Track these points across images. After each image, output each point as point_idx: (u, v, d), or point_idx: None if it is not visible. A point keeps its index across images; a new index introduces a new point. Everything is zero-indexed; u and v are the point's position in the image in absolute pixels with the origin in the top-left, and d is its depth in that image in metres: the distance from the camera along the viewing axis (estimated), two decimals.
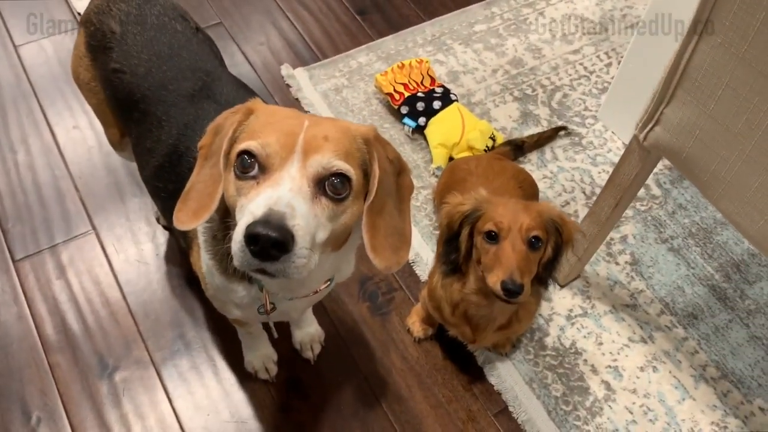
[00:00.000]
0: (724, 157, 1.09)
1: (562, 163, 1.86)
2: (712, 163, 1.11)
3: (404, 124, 1.86)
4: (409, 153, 1.86)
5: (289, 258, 0.74)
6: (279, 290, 0.99)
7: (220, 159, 0.85)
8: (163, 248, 1.64)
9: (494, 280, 1.12)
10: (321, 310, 1.56)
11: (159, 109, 1.12)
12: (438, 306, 1.35)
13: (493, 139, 1.82)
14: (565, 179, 1.83)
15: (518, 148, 1.80)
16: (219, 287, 1.04)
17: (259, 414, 1.42)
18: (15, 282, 1.56)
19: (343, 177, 0.80)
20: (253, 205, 0.76)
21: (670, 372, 1.52)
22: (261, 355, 1.45)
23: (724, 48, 0.99)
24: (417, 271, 1.65)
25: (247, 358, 1.45)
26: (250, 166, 0.80)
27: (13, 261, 1.60)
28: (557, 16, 2.22)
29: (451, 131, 1.80)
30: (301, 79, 1.99)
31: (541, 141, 1.86)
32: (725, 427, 1.46)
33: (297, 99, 1.96)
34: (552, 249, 1.18)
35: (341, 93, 1.97)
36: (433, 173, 1.81)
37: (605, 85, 2.04)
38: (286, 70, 2.02)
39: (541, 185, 1.81)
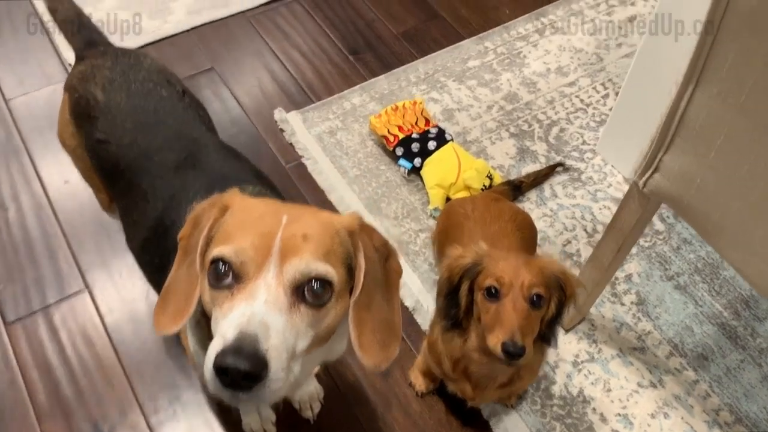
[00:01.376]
0: (727, 206, 1.05)
1: (562, 201, 1.83)
2: (714, 212, 1.08)
3: (400, 165, 1.83)
4: (405, 195, 1.83)
5: (263, 385, 0.69)
6: None
7: (196, 259, 0.81)
8: None
9: (495, 342, 1.07)
10: (321, 368, 1.52)
11: (144, 181, 1.09)
12: (438, 360, 1.30)
13: (490, 177, 1.79)
14: (566, 217, 1.80)
15: (516, 188, 1.77)
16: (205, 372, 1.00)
17: None
18: (7, 346, 1.53)
19: (323, 281, 0.76)
20: (225, 324, 0.71)
21: (682, 418, 1.47)
22: (258, 417, 1.41)
23: (722, 98, 0.96)
24: (418, 320, 1.61)
25: (245, 420, 1.41)
26: (224, 275, 0.75)
27: (5, 324, 1.56)
28: (551, 47, 2.20)
29: (447, 171, 1.77)
30: (294, 123, 1.97)
31: (539, 179, 1.83)
32: None
33: (291, 143, 1.93)
34: (555, 306, 1.13)
35: (335, 135, 1.95)
36: (431, 215, 1.77)
37: (603, 117, 2.02)
38: (279, 114, 2.00)
39: (541, 224, 1.78)
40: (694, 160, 1.06)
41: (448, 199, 1.78)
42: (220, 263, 0.75)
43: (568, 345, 1.57)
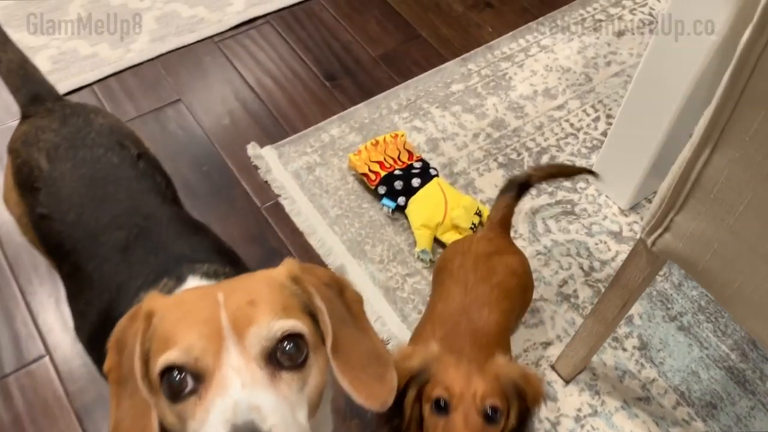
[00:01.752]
0: (749, 275, 0.95)
1: (556, 236, 1.73)
2: (734, 280, 0.98)
3: (383, 205, 1.72)
4: (391, 235, 1.71)
5: None
6: None
7: (138, 385, 0.69)
8: None
9: None
10: None
11: (90, 265, 0.97)
12: None
13: (479, 214, 1.69)
14: (561, 254, 1.70)
15: (523, 186, 1.46)
16: None
17: None
18: None
19: (294, 337, 0.66)
20: (208, 428, 0.61)
21: None
22: None
23: (745, 164, 0.86)
24: None
25: None
26: (181, 383, 0.64)
27: None
28: (538, 68, 2.10)
29: (433, 210, 1.66)
30: (269, 159, 1.85)
31: (559, 173, 1.52)
32: None
33: (266, 181, 1.81)
34: (515, 416, 0.97)
35: (314, 172, 1.83)
36: (418, 257, 1.66)
37: (594, 142, 1.92)
38: (252, 149, 1.87)
39: (535, 263, 1.67)
40: (711, 224, 0.96)
41: (436, 239, 1.68)
42: (174, 372, 0.64)
43: (569, 398, 1.47)
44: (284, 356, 0.65)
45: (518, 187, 1.45)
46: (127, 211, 1.01)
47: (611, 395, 1.48)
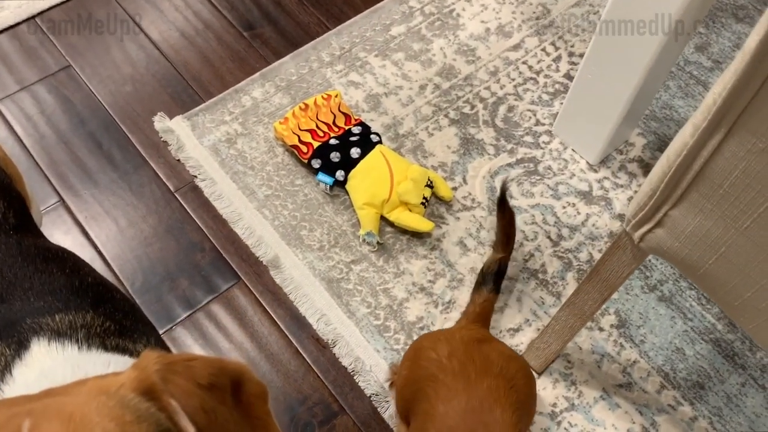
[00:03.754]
0: (765, 285, 0.76)
1: (519, 202, 1.52)
2: (745, 288, 0.78)
3: (319, 181, 1.47)
4: (330, 216, 1.48)
5: None
6: None
7: None
8: None
9: None
10: None
11: None
12: None
13: (430, 186, 1.46)
14: (524, 223, 1.49)
15: (499, 274, 1.31)
16: None
17: None
18: None
19: None
20: None
21: None
22: None
23: None
24: (360, 383, 1.30)
25: None
26: None
27: None
28: (488, 1, 1.83)
29: (377, 185, 1.42)
30: (180, 132, 1.56)
31: (508, 230, 1.34)
32: None
33: (179, 160, 1.54)
34: None
35: (235, 145, 1.56)
36: (364, 240, 1.44)
37: (557, 86, 1.68)
38: (160, 122, 1.58)
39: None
40: (718, 223, 0.75)
41: (382, 218, 1.45)
42: None
43: (542, 392, 1.30)
44: None
45: (494, 278, 1.30)
46: None
47: (589, 384, 1.32)
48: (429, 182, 1.45)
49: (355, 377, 1.31)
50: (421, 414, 1.04)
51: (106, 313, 0.75)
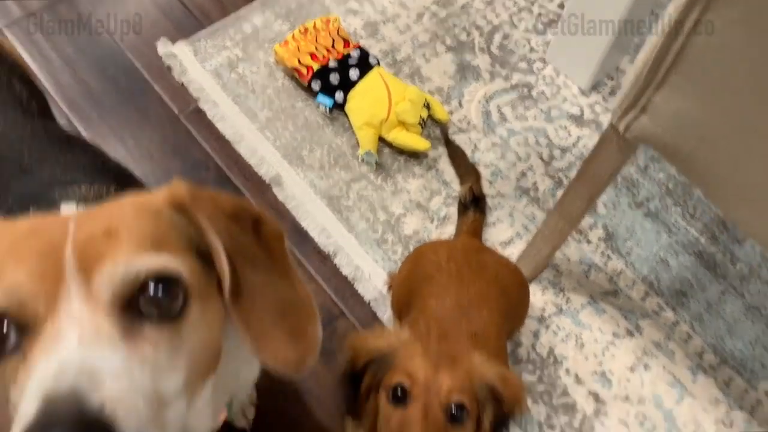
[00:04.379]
0: (744, 163, 0.81)
1: (512, 124, 1.57)
2: (726, 168, 0.84)
3: (319, 103, 1.52)
4: (330, 137, 1.53)
5: None
6: None
7: None
8: None
9: None
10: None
11: None
12: None
13: (427, 106, 1.51)
14: (518, 144, 1.55)
15: (476, 200, 1.40)
16: None
17: None
18: None
19: (164, 280, 0.50)
20: (24, 403, 0.44)
21: (664, 367, 1.32)
22: None
23: (747, 26, 0.70)
24: (359, 290, 1.37)
25: None
26: (2, 337, 0.47)
27: None
28: None
29: (375, 106, 1.47)
30: (183, 57, 1.60)
31: (464, 162, 1.49)
32: (731, 423, 1.28)
33: (182, 84, 1.58)
34: (491, 424, 0.83)
35: (237, 69, 1.60)
36: (363, 160, 1.49)
37: (551, 17, 1.72)
38: (163, 46, 1.62)
39: (491, 156, 1.52)
40: (700, 103, 0.81)
41: (381, 139, 1.50)
42: None
43: (532, 298, 1.37)
44: (149, 305, 0.49)
45: (473, 204, 1.38)
46: None
47: (577, 291, 1.39)
48: (426, 103, 1.50)
49: (354, 285, 1.37)
50: (414, 309, 1.10)
51: (128, 188, 0.81)
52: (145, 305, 0.49)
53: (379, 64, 1.54)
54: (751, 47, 0.70)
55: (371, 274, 1.38)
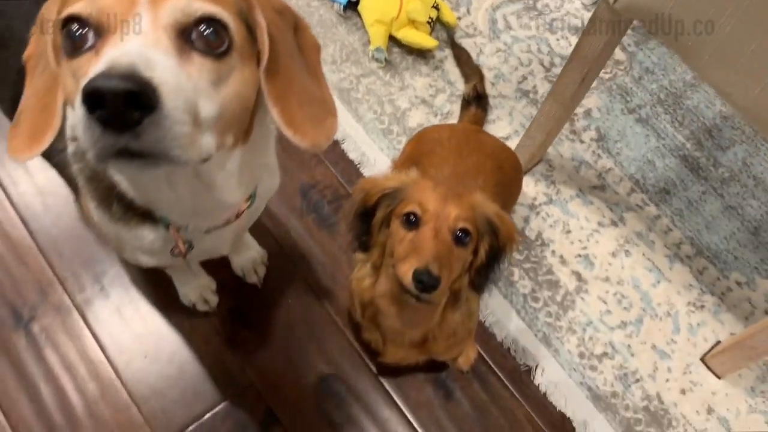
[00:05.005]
0: (714, 16, 0.90)
1: (517, 33, 1.65)
2: (698, 24, 0.93)
3: (333, 2, 1.61)
4: (343, 35, 1.62)
5: (158, 123, 0.52)
6: (188, 218, 0.80)
7: (49, 56, 0.63)
8: None
9: (405, 269, 0.88)
10: (261, 229, 1.38)
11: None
12: (352, 301, 1.14)
13: (436, 8, 1.59)
14: (521, 51, 1.63)
15: (479, 97, 1.49)
16: (119, 238, 0.85)
17: (203, 350, 1.28)
18: None
19: (215, 23, 0.59)
20: (92, 71, 0.53)
21: (643, 255, 1.42)
22: (197, 286, 1.29)
23: None
24: (364, 173, 1.47)
25: (182, 291, 1.29)
26: (81, 39, 0.58)
27: None
28: None
29: (387, 4, 1.56)
30: None
31: (468, 63, 1.57)
32: (702, 306, 1.38)
33: None
34: (486, 253, 0.95)
35: None
36: (373, 56, 1.58)
37: None
38: None
39: (494, 60, 1.61)
40: None
41: (391, 37, 1.59)
42: (74, 25, 0.58)
43: (524, 188, 1.47)
44: (200, 39, 0.58)
45: (476, 101, 1.47)
46: None
47: (567, 184, 1.49)
48: (435, 4, 1.58)
49: (360, 168, 1.47)
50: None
51: None
52: (196, 38, 0.58)
53: None
54: None
55: (376, 160, 1.48)
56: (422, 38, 1.56)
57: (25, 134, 0.66)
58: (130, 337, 1.28)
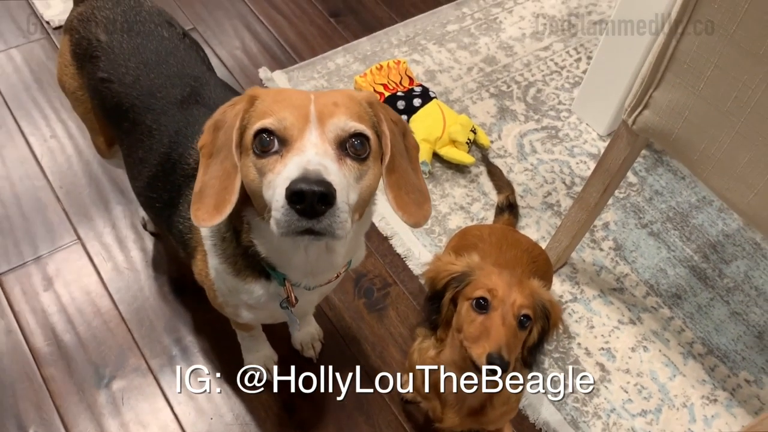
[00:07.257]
0: (714, 135, 1.14)
1: (542, 156, 1.91)
2: (701, 142, 1.17)
3: None
4: None
5: (333, 213, 0.75)
6: (304, 276, 0.98)
7: (232, 151, 0.84)
8: (151, 254, 1.61)
9: (480, 352, 1.01)
10: (319, 311, 1.56)
11: (149, 118, 1.12)
12: (413, 372, 1.27)
13: (473, 131, 1.86)
14: (546, 171, 1.88)
15: (511, 206, 1.71)
16: (232, 291, 1.03)
17: (262, 415, 1.41)
18: (0, 295, 1.51)
19: (361, 137, 0.83)
20: (285, 172, 0.77)
21: (660, 351, 1.58)
22: (261, 356, 1.44)
23: (712, 30, 1.05)
24: (410, 266, 1.66)
25: (248, 359, 1.44)
26: (269, 144, 0.81)
27: None
28: (526, 14, 2.28)
29: (432, 126, 1.83)
30: (280, 82, 1.99)
31: (501, 178, 1.82)
32: (715, 400, 1.51)
33: None
34: (537, 333, 1.11)
35: None
36: None
37: (576, 79, 2.11)
38: (264, 73, 2.01)
39: (522, 177, 1.86)
40: (683, 92, 1.15)
41: (434, 154, 1.84)
42: (264, 135, 0.81)
43: (552, 287, 1.66)
44: (351, 148, 0.82)
45: (508, 209, 1.69)
46: (179, 74, 1.16)
47: (589, 285, 1.67)
48: (473, 129, 1.85)
49: (406, 261, 1.67)
50: None
51: None
52: (349, 148, 0.82)
53: (437, 97, 1.91)
54: (717, 46, 1.05)
55: (420, 254, 1.68)
56: (461, 155, 1.81)
57: (210, 206, 0.86)
58: (196, 398, 1.41)
